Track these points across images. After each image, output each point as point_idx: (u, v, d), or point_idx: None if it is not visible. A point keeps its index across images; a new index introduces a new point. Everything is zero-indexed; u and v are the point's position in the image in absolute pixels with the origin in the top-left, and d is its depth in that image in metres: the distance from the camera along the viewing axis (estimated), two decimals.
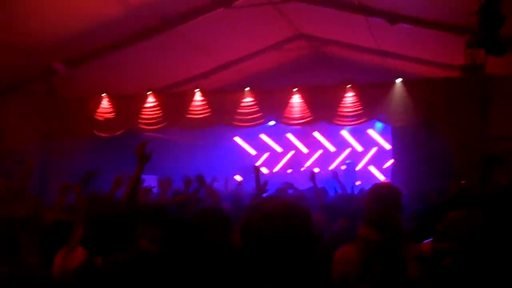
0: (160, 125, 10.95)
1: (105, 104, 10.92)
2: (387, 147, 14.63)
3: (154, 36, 9.52)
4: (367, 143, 15.42)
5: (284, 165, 16.14)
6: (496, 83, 9.15)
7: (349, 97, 10.31)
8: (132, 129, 10.94)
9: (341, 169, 14.89)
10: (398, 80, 10.04)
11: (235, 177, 14.73)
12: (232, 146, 15.90)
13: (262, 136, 15.92)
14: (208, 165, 13.19)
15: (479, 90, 9.23)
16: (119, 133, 10.81)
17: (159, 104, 10.88)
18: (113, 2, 8.29)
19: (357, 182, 14.11)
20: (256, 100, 10.67)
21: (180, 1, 9.04)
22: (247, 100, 10.69)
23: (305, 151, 15.99)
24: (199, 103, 10.78)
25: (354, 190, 8.59)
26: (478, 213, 2.65)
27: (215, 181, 9.07)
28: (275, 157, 16.18)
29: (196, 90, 10.76)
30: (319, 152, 15.87)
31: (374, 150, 15.36)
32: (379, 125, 14.16)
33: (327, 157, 15.74)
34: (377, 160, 15.23)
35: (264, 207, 2.07)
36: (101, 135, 10.85)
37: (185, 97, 10.88)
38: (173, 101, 11.01)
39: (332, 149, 15.78)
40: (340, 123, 10.77)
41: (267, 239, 1.97)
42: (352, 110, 10.33)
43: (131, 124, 10.89)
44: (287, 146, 16.10)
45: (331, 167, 15.37)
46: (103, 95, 10.86)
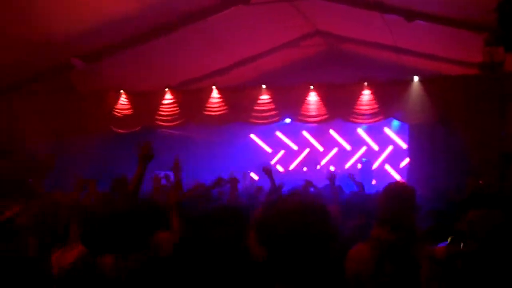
0: (177, 122, 11.00)
1: (122, 100, 11.00)
2: (403, 146, 14.52)
3: (171, 32, 9.54)
4: (383, 141, 15.31)
5: (299, 163, 16.11)
6: None
7: (366, 95, 10.27)
8: (149, 126, 11.01)
9: (357, 167, 14.83)
10: (416, 78, 9.96)
11: (251, 175, 14.75)
12: (248, 143, 15.91)
13: (277, 133, 15.92)
14: (224, 162, 13.24)
15: (497, 88, 9.13)
16: (136, 129, 10.86)
17: (176, 100, 10.93)
18: None
19: (373, 180, 14.05)
20: (272, 97, 10.68)
21: None
22: (264, 97, 10.70)
23: (320, 149, 15.94)
24: (216, 100, 10.82)
25: (370, 189, 8.55)
26: (497, 213, 2.62)
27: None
28: (290, 155, 16.16)
29: (213, 87, 10.81)
30: (334, 150, 15.81)
31: (390, 148, 15.26)
32: (395, 123, 14.06)
33: (343, 155, 15.67)
34: (393, 159, 15.12)
35: (281, 204, 2.08)
36: (118, 131, 10.92)
37: (202, 94, 10.91)
38: (190, 98, 11.06)
39: (347, 147, 15.71)
40: (356, 121, 10.72)
41: (283, 236, 1.98)
42: (369, 108, 10.29)
43: (148, 120, 10.95)
44: (302, 144, 16.06)
45: (346, 165, 15.31)
46: (120, 91, 10.95)
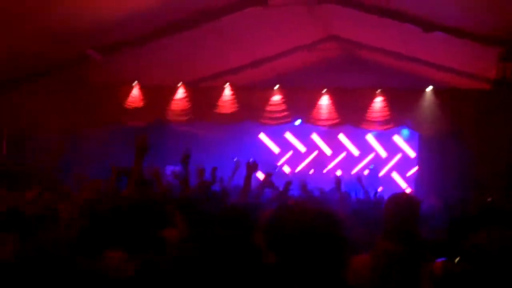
0: (187, 118, 11.03)
1: (135, 93, 11.04)
2: (412, 154, 14.49)
3: (188, 29, 9.57)
4: (392, 149, 15.29)
5: (306, 165, 16.10)
6: None
7: (378, 102, 10.26)
8: (160, 121, 11.04)
9: (364, 173, 14.81)
10: (429, 88, 9.95)
11: (257, 174, 14.73)
12: (256, 143, 15.90)
13: (286, 134, 15.91)
14: (230, 161, 13.24)
15: (510, 104, 9.11)
16: (148, 123, 10.89)
17: (189, 96, 10.95)
18: None
19: (379, 188, 14.03)
20: (284, 98, 10.68)
21: None
22: (276, 98, 10.71)
23: (328, 152, 15.93)
24: (228, 98, 10.84)
25: (375, 196, 8.55)
26: (505, 233, 2.57)
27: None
28: (298, 157, 16.15)
29: (225, 86, 10.83)
30: (342, 155, 15.80)
31: (398, 156, 15.23)
32: (405, 132, 14.04)
33: (351, 160, 15.65)
34: (400, 167, 15.10)
35: (294, 210, 2.09)
36: (129, 124, 10.95)
37: (215, 91, 10.93)
38: (203, 95, 11.08)
39: (356, 152, 15.69)
40: (367, 127, 10.72)
41: (296, 242, 1.99)
42: (380, 115, 10.27)
43: (160, 114, 10.99)
44: (311, 146, 16.05)
45: (353, 171, 15.29)
46: (133, 84, 10.98)
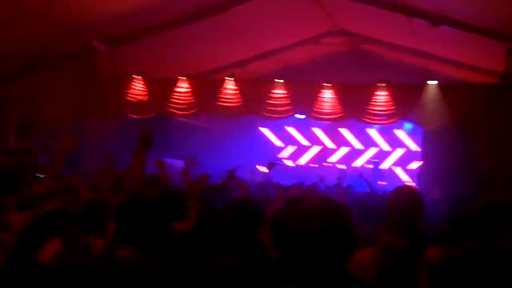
0: (190, 111, 11.00)
1: (139, 86, 11.00)
2: (414, 148, 14.46)
3: (194, 22, 9.54)
4: (394, 143, 15.25)
5: (309, 159, 16.07)
6: None
7: (382, 96, 10.24)
8: (163, 113, 11.01)
9: (366, 167, 14.79)
10: (432, 82, 9.91)
11: (260, 168, 14.72)
12: (259, 136, 15.88)
13: (289, 128, 15.86)
14: (234, 154, 13.23)
15: None
16: (151, 115, 10.86)
17: (192, 89, 10.92)
18: None
19: (382, 182, 14.00)
20: (288, 92, 10.65)
21: None
22: (279, 91, 10.67)
23: (331, 146, 15.89)
24: (231, 91, 10.81)
25: (379, 190, 8.52)
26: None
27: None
28: (300, 151, 16.12)
29: (229, 79, 10.78)
30: (345, 149, 15.76)
31: (401, 151, 15.20)
32: (407, 126, 14.01)
33: (353, 154, 15.62)
34: (403, 161, 15.07)
35: (303, 205, 2.06)
36: (133, 116, 10.93)
37: (218, 84, 10.91)
38: (206, 88, 11.05)
39: (358, 146, 15.65)
40: (370, 121, 10.71)
41: (306, 238, 1.95)
42: (384, 109, 10.26)
43: (163, 107, 10.95)
44: (313, 140, 16.01)
45: (356, 164, 15.27)
46: (138, 77, 10.94)
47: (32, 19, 8.06)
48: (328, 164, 15.44)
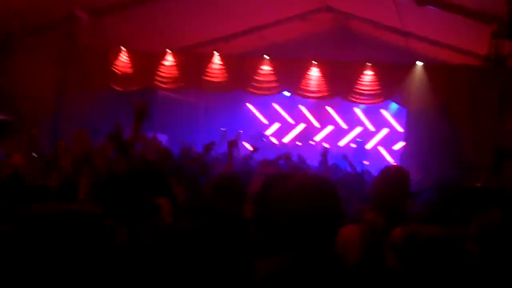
0: (176, 85, 10.94)
1: (124, 58, 10.87)
2: (399, 129, 14.55)
3: None
4: (379, 123, 15.31)
5: (294, 137, 16.10)
6: None
7: (368, 75, 10.26)
8: (149, 86, 10.93)
9: (351, 146, 14.86)
10: (419, 63, 9.94)
11: (245, 144, 14.72)
12: (244, 112, 15.84)
13: (274, 105, 15.84)
14: (218, 129, 13.20)
15: (499, 82, 9.08)
16: (136, 88, 10.77)
17: (177, 63, 10.84)
18: None
19: (366, 161, 14.08)
20: (274, 69, 10.63)
21: None
22: (265, 68, 10.64)
23: (316, 125, 15.92)
24: (217, 67, 10.76)
25: (362, 169, 8.55)
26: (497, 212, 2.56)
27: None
28: (285, 128, 16.12)
29: (215, 53, 10.72)
30: (330, 128, 15.80)
31: (385, 131, 15.28)
32: (393, 106, 14.06)
33: (338, 133, 15.67)
34: (387, 141, 15.16)
35: (289, 183, 2.06)
36: (117, 88, 10.83)
37: (204, 59, 10.85)
38: (192, 62, 10.99)
39: (343, 125, 15.70)
40: (355, 100, 10.74)
41: (290, 216, 1.97)
42: (370, 89, 10.31)
43: (149, 81, 10.87)
44: (298, 118, 16.01)
45: (341, 143, 15.33)
46: (122, 49, 10.80)
47: None
48: (312, 143, 15.48)
